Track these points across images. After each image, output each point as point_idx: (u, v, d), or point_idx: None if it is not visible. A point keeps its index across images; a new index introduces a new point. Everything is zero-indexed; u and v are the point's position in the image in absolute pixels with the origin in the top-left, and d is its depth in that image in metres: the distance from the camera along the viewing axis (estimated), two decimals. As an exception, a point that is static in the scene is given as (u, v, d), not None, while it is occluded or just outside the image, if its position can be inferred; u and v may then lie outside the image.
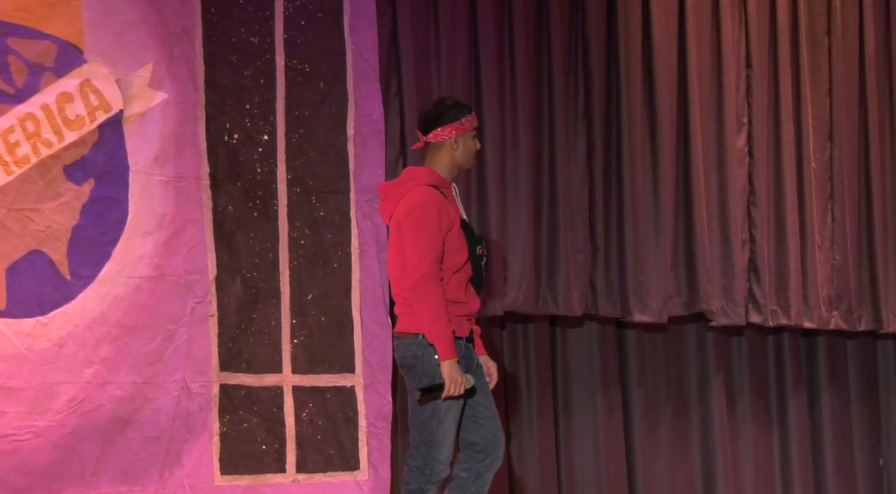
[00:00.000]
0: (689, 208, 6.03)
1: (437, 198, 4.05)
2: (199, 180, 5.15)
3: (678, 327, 6.19)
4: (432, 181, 4.11)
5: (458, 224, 4.08)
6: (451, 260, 4.06)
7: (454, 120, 4.09)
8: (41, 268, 4.86)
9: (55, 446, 4.79)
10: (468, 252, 4.07)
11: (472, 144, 4.15)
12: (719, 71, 6.14)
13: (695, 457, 6.15)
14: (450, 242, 4.04)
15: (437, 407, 4.01)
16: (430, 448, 4.04)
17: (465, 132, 4.11)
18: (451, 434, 4.03)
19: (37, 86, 4.89)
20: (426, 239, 3.98)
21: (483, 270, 4.14)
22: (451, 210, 4.06)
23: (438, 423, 4.03)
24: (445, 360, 3.98)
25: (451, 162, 4.13)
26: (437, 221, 4.00)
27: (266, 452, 5.15)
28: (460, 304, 4.08)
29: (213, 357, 5.09)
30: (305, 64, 5.37)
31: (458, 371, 4.00)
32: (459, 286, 4.07)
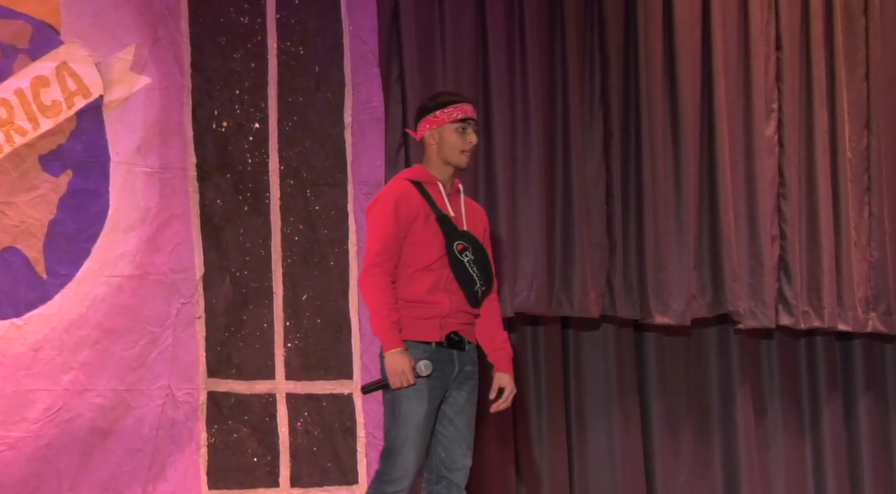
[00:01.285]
0: (713, 202, 6.03)
1: (401, 191, 4.10)
2: (186, 171, 5.14)
3: (702, 330, 6.20)
4: (412, 176, 4.18)
5: (434, 218, 4.09)
6: (418, 255, 4.09)
7: (428, 113, 4.16)
8: (15, 267, 4.85)
9: (30, 458, 4.79)
10: (444, 248, 4.08)
11: (455, 137, 4.15)
12: (747, 54, 6.13)
13: (718, 471, 6.17)
14: (415, 235, 4.08)
15: (399, 413, 4.05)
16: (390, 455, 4.07)
17: (441, 125, 4.13)
18: (411, 442, 4.04)
19: (9, 70, 4.87)
20: (375, 230, 4.08)
21: (471, 268, 4.11)
22: (417, 202, 4.09)
23: (397, 429, 4.05)
24: (387, 351, 4.02)
25: (435, 157, 4.17)
26: (393, 213, 4.06)
27: (257, 465, 5.15)
28: (424, 305, 4.09)
29: (201, 362, 5.10)
30: (299, 46, 5.37)
31: (400, 361, 4.02)
32: (423, 285, 4.08)
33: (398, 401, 4.07)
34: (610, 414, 5.94)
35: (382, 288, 4.03)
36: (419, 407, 4.06)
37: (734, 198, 6.05)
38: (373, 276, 4.05)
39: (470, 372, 4.18)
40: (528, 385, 5.84)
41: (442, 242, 4.10)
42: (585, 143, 5.86)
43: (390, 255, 4.06)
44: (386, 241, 4.05)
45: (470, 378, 4.18)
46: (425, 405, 4.07)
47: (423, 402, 4.06)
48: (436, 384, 4.09)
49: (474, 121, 4.19)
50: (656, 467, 6.04)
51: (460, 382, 4.15)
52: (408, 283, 4.09)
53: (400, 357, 4.02)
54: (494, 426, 5.71)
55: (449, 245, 4.10)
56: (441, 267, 4.11)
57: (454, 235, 4.12)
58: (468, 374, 4.18)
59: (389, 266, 4.05)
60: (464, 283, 4.12)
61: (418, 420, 4.06)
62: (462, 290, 4.12)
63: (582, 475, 5.93)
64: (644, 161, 5.92)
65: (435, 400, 4.09)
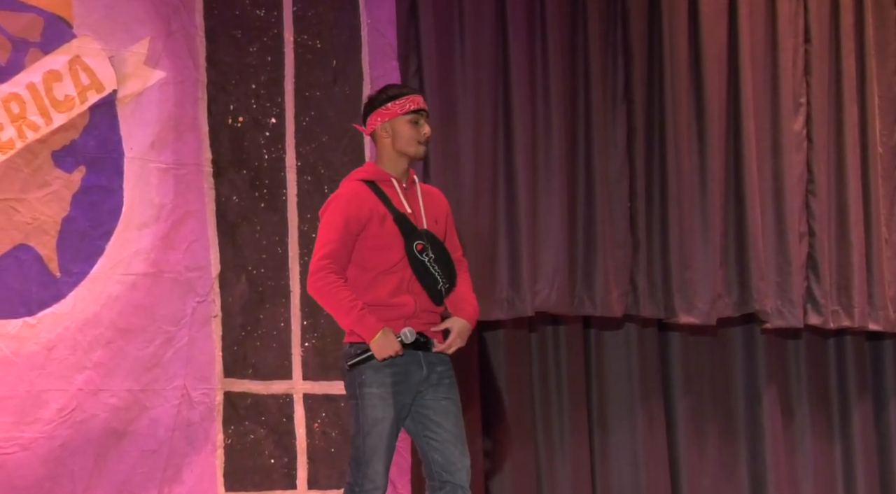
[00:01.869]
0: (740, 198, 6.03)
1: (352, 193, 4.10)
2: (201, 167, 5.15)
3: (728, 330, 6.20)
4: (364, 175, 4.18)
5: (391, 218, 4.09)
6: (377, 258, 4.09)
7: (379, 106, 4.15)
8: (28, 265, 4.85)
9: (44, 460, 4.79)
10: (403, 249, 4.09)
11: (407, 130, 4.14)
12: (774, 46, 6.13)
13: (744, 475, 6.17)
14: (372, 238, 4.08)
15: (363, 422, 4.03)
16: (359, 466, 4.05)
17: (393, 117, 4.13)
18: (379, 452, 4.02)
19: (21, 64, 4.88)
20: (324, 233, 4.08)
21: (433, 268, 4.10)
22: (370, 204, 4.08)
23: (363, 438, 4.03)
24: (372, 338, 4.01)
25: (389, 151, 4.16)
26: (343, 218, 4.05)
27: (274, 466, 5.16)
28: (387, 308, 4.08)
29: (217, 362, 5.10)
30: (316, 39, 5.38)
31: (388, 341, 4.01)
32: (385, 288, 4.08)
33: (362, 409, 4.06)
34: (633, 416, 5.94)
35: (333, 285, 4.02)
36: (385, 414, 4.05)
37: (761, 195, 6.05)
38: (320, 278, 4.04)
39: (443, 371, 4.16)
40: (550, 385, 5.84)
41: (402, 243, 4.10)
42: (608, 139, 5.86)
43: (336, 259, 4.05)
44: (333, 246, 4.05)
45: (445, 377, 4.16)
46: (391, 412, 4.05)
47: (388, 410, 4.05)
48: (401, 389, 4.07)
49: (426, 112, 4.20)
50: (681, 470, 6.04)
51: (434, 384, 4.13)
52: (370, 287, 4.08)
53: (388, 337, 4.02)
54: (515, 427, 5.73)
55: (409, 246, 4.10)
56: (403, 267, 4.10)
57: (413, 235, 4.12)
58: (441, 374, 4.15)
59: (335, 267, 4.05)
60: (426, 283, 4.12)
61: (384, 429, 4.04)
62: (425, 290, 4.12)
63: (604, 478, 5.93)
64: (668, 157, 5.91)
65: (401, 406, 4.07)
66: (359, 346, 4.07)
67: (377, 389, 4.05)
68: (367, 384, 4.05)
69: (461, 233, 5.54)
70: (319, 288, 4.06)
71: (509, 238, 5.66)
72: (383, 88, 4.26)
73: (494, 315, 5.62)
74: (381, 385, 4.05)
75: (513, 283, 5.63)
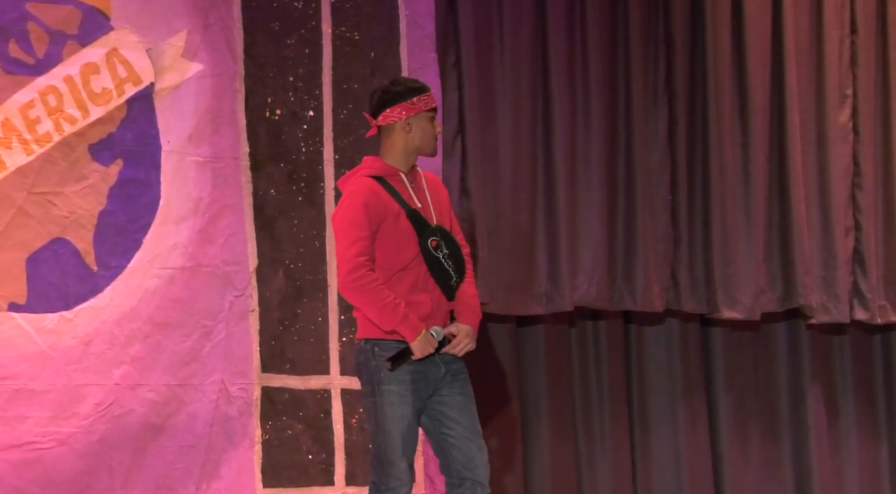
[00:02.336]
0: (784, 192, 6.00)
1: (368, 189, 4.09)
2: (238, 161, 5.17)
3: (771, 325, 6.16)
4: (373, 170, 4.16)
5: (404, 214, 4.10)
6: (393, 258, 4.09)
7: (404, 100, 4.13)
8: (65, 258, 4.88)
9: (81, 455, 4.83)
10: (418, 246, 4.09)
11: (430, 127, 4.17)
12: (820, 37, 6.09)
13: (788, 474, 6.13)
14: (387, 237, 4.08)
15: (381, 420, 4.05)
16: (382, 464, 4.06)
17: (418, 113, 4.14)
18: (401, 449, 4.04)
19: (59, 57, 4.91)
20: (350, 231, 4.04)
21: (447, 264, 4.12)
22: (385, 200, 4.09)
23: (384, 437, 4.05)
24: (415, 339, 4.02)
25: (404, 146, 4.16)
26: (364, 212, 4.04)
27: (312, 462, 5.17)
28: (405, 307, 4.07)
29: (254, 356, 5.12)
30: (354, 31, 5.39)
31: (427, 342, 4.04)
32: (403, 286, 4.08)
33: (379, 408, 4.08)
34: (675, 413, 5.92)
35: (375, 285, 4.02)
36: (402, 412, 4.06)
37: (806, 188, 6.01)
38: (361, 277, 4.02)
39: (457, 369, 4.18)
40: (590, 382, 5.83)
41: (415, 240, 4.10)
42: (649, 131, 5.84)
43: (370, 257, 4.04)
44: (364, 243, 4.04)
45: (460, 373, 4.18)
46: (409, 409, 4.07)
47: (405, 407, 4.07)
48: (420, 386, 4.09)
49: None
50: (724, 468, 6.01)
51: (449, 382, 4.15)
52: (387, 286, 4.07)
53: (428, 338, 4.05)
54: (555, 425, 5.72)
55: (423, 242, 4.11)
56: (417, 265, 4.11)
57: (427, 231, 4.12)
58: (456, 371, 4.17)
59: (372, 264, 4.04)
60: (440, 280, 4.14)
61: (402, 426, 4.06)
62: (439, 287, 4.14)
63: (645, 476, 5.91)
64: (711, 149, 5.89)
65: (419, 403, 4.09)
66: (381, 343, 4.07)
67: (396, 387, 4.06)
68: (386, 381, 4.06)
69: (499, 226, 5.61)
70: (360, 286, 4.03)
71: (548, 232, 5.65)
72: (397, 81, 4.24)
73: (533, 310, 5.62)
74: (400, 382, 4.06)
75: (551, 278, 5.63)
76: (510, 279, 5.57)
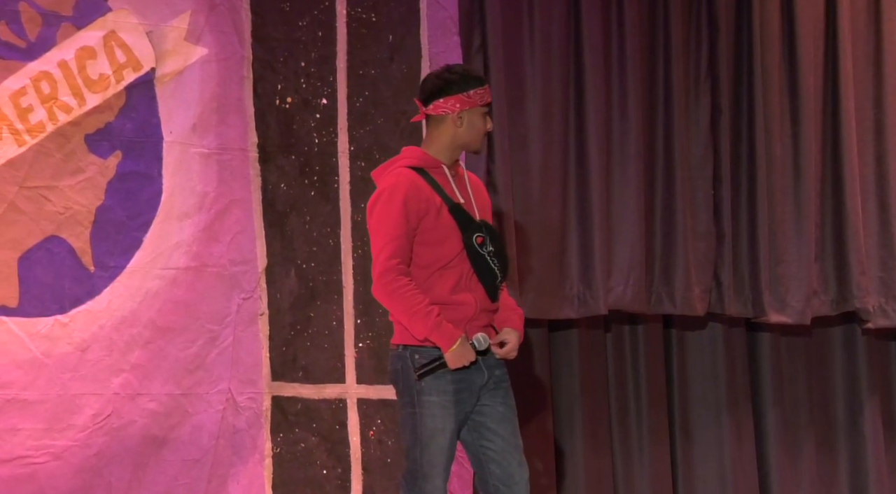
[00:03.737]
0: (838, 185, 5.97)
1: (409, 182, 4.08)
2: (246, 152, 5.17)
3: (825, 330, 6.15)
4: (415, 161, 4.15)
5: (446, 209, 4.09)
6: (434, 254, 4.08)
7: (460, 91, 4.12)
8: (60, 258, 4.88)
9: (78, 470, 4.83)
10: (461, 242, 4.08)
11: (481, 123, 4.16)
12: (877, 16, 6.05)
13: (844, 490, 6.12)
14: (428, 232, 4.07)
15: (421, 433, 4.03)
16: (416, 480, 4.04)
17: (473, 107, 4.13)
18: (439, 465, 4.02)
19: (53, 40, 4.91)
20: (385, 229, 4.05)
21: (492, 262, 4.11)
22: (427, 194, 4.08)
23: (421, 450, 4.03)
24: (450, 348, 4.01)
25: (451, 140, 4.15)
26: (402, 209, 4.04)
27: (327, 477, 5.17)
28: (447, 307, 4.06)
29: (264, 363, 5.13)
30: (371, 13, 5.38)
31: (466, 354, 4.02)
32: (446, 284, 4.08)
33: (419, 419, 4.05)
34: (719, 424, 5.92)
35: (406, 289, 4.01)
36: (445, 425, 4.04)
37: (862, 181, 5.99)
38: (391, 282, 4.02)
39: (500, 376, 4.17)
40: (628, 390, 5.83)
41: (458, 236, 4.10)
42: (690, 120, 5.83)
43: (403, 258, 4.04)
44: (398, 242, 4.04)
45: (502, 381, 4.17)
46: (452, 423, 4.05)
47: (448, 420, 4.05)
48: (464, 397, 4.08)
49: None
50: (772, 484, 6.00)
51: (491, 389, 4.13)
52: (428, 285, 4.07)
53: (465, 347, 4.03)
54: (590, 436, 5.72)
55: (468, 239, 4.11)
56: (460, 262, 4.11)
57: (471, 227, 4.12)
58: (499, 379, 4.16)
59: (404, 268, 4.04)
60: (485, 278, 4.13)
61: (444, 441, 4.04)
62: (483, 287, 4.14)
63: (687, 491, 5.90)
64: (757, 139, 5.86)
65: (461, 415, 4.08)
66: (421, 350, 4.06)
67: (438, 397, 4.04)
68: (427, 392, 4.04)
69: (528, 223, 5.57)
70: (391, 291, 4.04)
71: (581, 229, 5.65)
72: (454, 68, 4.23)
73: (564, 313, 5.62)
74: (443, 393, 4.04)
75: (584, 279, 5.64)
76: (540, 280, 5.58)
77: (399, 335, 4.12)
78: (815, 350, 6.14)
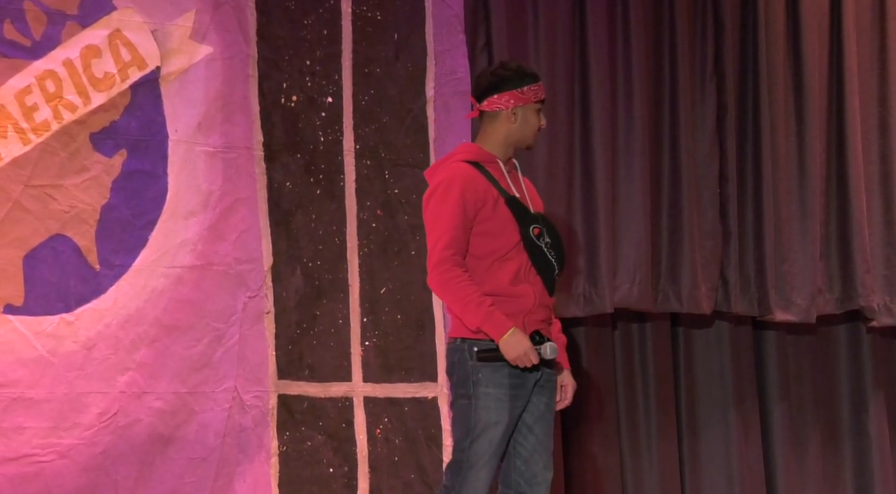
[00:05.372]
0: (843, 183, 5.95)
1: (465, 175, 4.10)
2: (251, 151, 5.16)
3: (830, 328, 6.13)
4: (470, 156, 4.17)
5: (503, 201, 4.12)
6: (491, 244, 4.10)
7: (514, 87, 4.15)
8: (65, 256, 4.88)
9: (84, 468, 4.82)
10: (519, 233, 4.10)
11: (535, 119, 4.19)
12: (882, 13, 6.03)
13: (849, 488, 6.10)
14: (485, 223, 4.09)
15: (475, 424, 4.03)
16: (461, 469, 4.04)
17: (527, 103, 4.16)
18: (486, 458, 4.02)
19: (58, 38, 4.91)
20: (441, 221, 4.07)
21: (549, 254, 4.13)
22: (483, 186, 4.11)
23: (471, 442, 4.03)
24: (501, 338, 4.00)
25: (506, 136, 4.18)
26: (459, 202, 4.06)
27: (333, 476, 5.17)
28: (505, 298, 4.08)
29: (270, 362, 5.12)
30: (377, 11, 5.38)
31: (520, 340, 4.00)
32: (504, 276, 4.09)
33: (473, 410, 4.05)
34: (726, 422, 5.89)
35: (460, 280, 4.03)
36: (499, 418, 4.04)
37: (867, 180, 5.96)
38: (445, 272, 4.04)
39: (550, 374, 4.18)
40: (636, 388, 5.80)
41: (515, 228, 4.12)
42: (696, 118, 5.81)
43: (458, 249, 4.06)
44: (454, 233, 4.05)
45: (550, 381, 4.18)
46: (506, 417, 4.05)
47: (503, 413, 4.04)
48: (520, 393, 4.08)
49: None
50: (778, 481, 5.97)
51: (541, 386, 4.14)
52: (486, 275, 4.09)
53: (518, 336, 4.00)
54: (599, 434, 5.71)
55: (525, 230, 4.12)
56: (517, 254, 4.12)
57: (528, 219, 4.14)
58: (548, 377, 4.17)
59: (459, 259, 4.06)
60: (543, 271, 4.14)
61: (496, 435, 4.04)
62: (541, 279, 4.14)
63: (694, 489, 5.88)
64: (763, 137, 5.84)
65: (517, 411, 4.08)
66: (478, 343, 4.05)
67: (494, 390, 4.04)
68: (484, 383, 4.04)
69: None
70: (444, 281, 4.04)
71: (586, 227, 5.63)
72: (508, 64, 4.24)
73: (570, 312, 5.59)
74: (499, 385, 4.04)
75: (590, 277, 5.61)
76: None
77: (456, 327, 4.13)
78: (820, 348, 6.12)
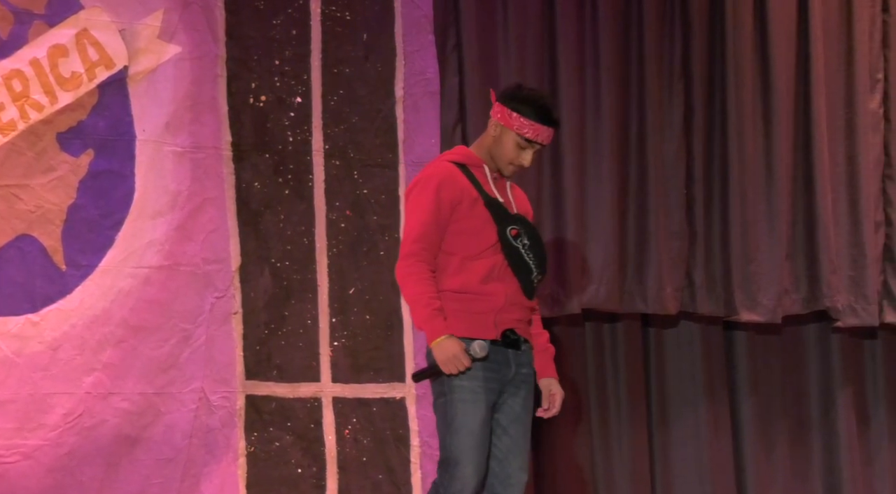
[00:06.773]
0: (809, 184, 5.95)
1: (445, 173, 4.12)
2: (220, 151, 5.15)
3: (798, 328, 6.12)
4: (458, 157, 4.20)
5: (482, 202, 4.12)
6: (465, 243, 4.10)
7: (510, 106, 4.15)
8: (31, 257, 4.87)
9: (49, 469, 4.81)
10: (496, 235, 4.10)
11: (512, 148, 4.14)
12: (849, 16, 6.03)
13: (818, 485, 6.10)
14: (462, 221, 4.10)
15: (452, 420, 4.05)
16: (447, 467, 4.06)
17: (509, 127, 4.14)
18: (469, 452, 4.02)
19: (24, 37, 4.91)
20: (415, 215, 4.11)
21: (527, 255, 4.12)
22: (462, 185, 4.11)
23: (452, 435, 4.04)
24: (433, 341, 4.02)
25: (489, 144, 4.20)
26: (434, 197, 4.08)
27: (302, 476, 5.17)
28: (476, 297, 4.08)
29: (238, 362, 5.13)
30: (346, 11, 5.37)
31: (449, 346, 4.00)
32: (476, 274, 4.09)
33: (450, 406, 4.06)
34: (696, 420, 5.90)
35: (419, 276, 4.05)
36: (475, 411, 4.04)
37: (833, 180, 5.96)
38: (409, 266, 4.06)
39: (526, 375, 4.16)
40: (607, 386, 5.81)
41: (493, 228, 4.12)
42: (664, 119, 5.80)
43: (428, 244, 4.08)
44: (424, 229, 4.07)
45: (526, 382, 4.17)
46: (482, 408, 4.05)
47: (478, 406, 4.05)
48: (492, 385, 4.08)
49: (541, 146, 4.19)
50: (748, 478, 5.98)
51: (516, 386, 4.13)
52: (456, 272, 4.09)
53: (449, 342, 4.01)
54: (570, 432, 5.70)
55: (502, 230, 4.12)
56: (494, 253, 4.12)
57: (507, 220, 4.14)
58: (524, 378, 4.16)
59: (427, 255, 4.08)
60: (519, 272, 4.12)
61: (474, 427, 4.03)
62: (517, 280, 4.12)
63: (665, 485, 5.89)
64: (730, 139, 5.84)
65: (490, 403, 4.08)
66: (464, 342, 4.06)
67: (468, 382, 4.04)
68: (457, 377, 4.04)
69: None
70: (405, 275, 4.07)
71: (554, 228, 5.63)
72: (524, 89, 4.21)
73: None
74: (473, 378, 4.05)
75: (558, 278, 5.60)
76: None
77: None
78: (789, 347, 6.11)
